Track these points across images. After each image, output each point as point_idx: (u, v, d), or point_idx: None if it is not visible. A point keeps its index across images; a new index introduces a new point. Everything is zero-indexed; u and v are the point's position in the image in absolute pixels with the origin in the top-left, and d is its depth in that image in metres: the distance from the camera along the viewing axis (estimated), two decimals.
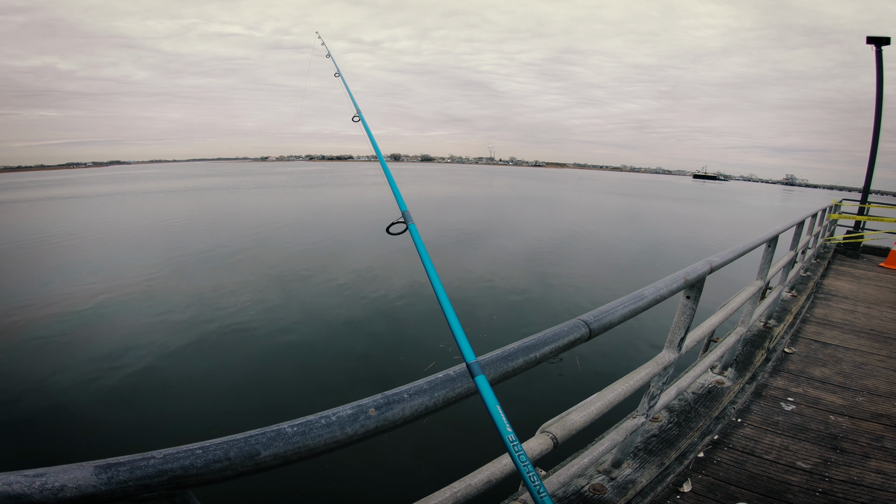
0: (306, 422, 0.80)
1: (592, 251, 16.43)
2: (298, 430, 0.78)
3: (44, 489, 0.64)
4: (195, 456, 0.71)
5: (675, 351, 2.09)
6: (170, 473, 0.69)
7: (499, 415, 0.92)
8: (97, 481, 0.66)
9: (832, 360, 3.95)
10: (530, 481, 0.88)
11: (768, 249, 3.41)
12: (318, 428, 0.80)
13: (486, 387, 0.97)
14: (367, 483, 4.37)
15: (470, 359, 1.01)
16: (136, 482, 0.68)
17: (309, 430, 0.79)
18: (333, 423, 0.81)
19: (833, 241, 9.43)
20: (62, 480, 0.65)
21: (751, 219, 33.55)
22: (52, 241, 18.02)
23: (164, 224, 22.16)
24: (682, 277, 1.85)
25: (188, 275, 12.11)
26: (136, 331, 8.16)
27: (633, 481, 2.24)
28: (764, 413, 3.04)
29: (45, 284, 11.31)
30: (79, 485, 0.65)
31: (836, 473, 2.41)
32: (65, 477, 0.65)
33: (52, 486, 0.64)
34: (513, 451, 0.91)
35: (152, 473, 0.69)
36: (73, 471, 0.66)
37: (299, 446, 0.77)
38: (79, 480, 0.65)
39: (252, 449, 0.74)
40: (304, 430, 0.78)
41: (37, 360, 7.04)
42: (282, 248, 15.59)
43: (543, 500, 0.91)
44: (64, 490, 0.64)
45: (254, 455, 0.74)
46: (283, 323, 8.53)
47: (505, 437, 0.92)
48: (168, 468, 0.69)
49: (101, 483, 0.66)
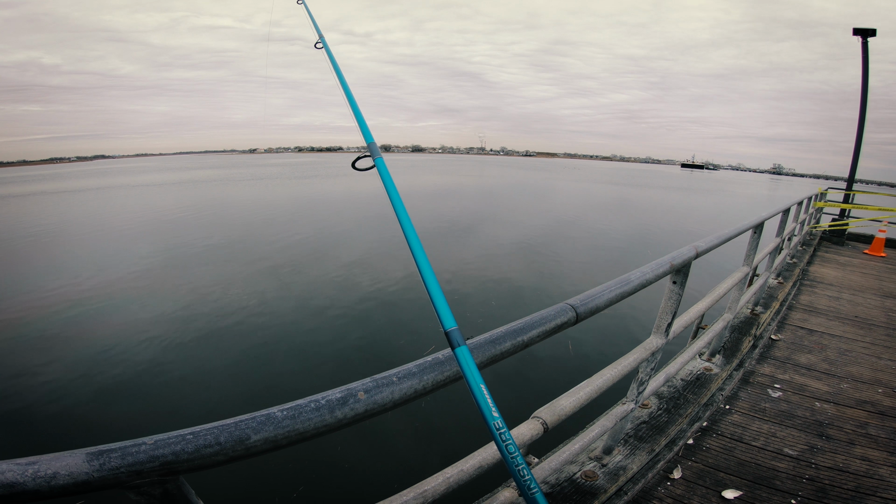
0: (296, 406, 0.80)
1: (583, 239, 16.54)
2: (288, 415, 0.78)
3: (36, 477, 0.64)
4: (186, 441, 0.72)
5: (662, 336, 2.12)
6: (161, 459, 0.70)
7: (482, 393, 0.91)
8: (89, 468, 0.67)
9: (818, 346, 4.02)
10: (513, 464, 0.89)
11: (754, 236, 3.45)
12: (308, 412, 0.80)
13: (467, 358, 0.95)
14: (361, 469, 4.41)
15: (449, 326, 0.97)
16: (128, 468, 0.69)
17: (298, 414, 0.79)
18: (323, 407, 0.82)
19: (819, 228, 9.58)
20: (54, 468, 0.65)
21: (740, 206, 33.96)
22: (43, 236, 17.82)
23: (155, 218, 21.94)
24: (668, 262, 1.88)
25: (181, 267, 12.07)
26: (129, 324, 8.15)
27: (625, 468, 2.27)
28: (751, 400, 3.09)
29: (38, 279, 11.23)
30: (71, 472, 0.66)
31: (823, 460, 2.46)
32: (57, 464, 0.66)
33: (45, 474, 0.65)
34: (494, 430, 0.90)
35: (144, 459, 0.69)
36: (65, 458, 0.67)
37: (289, 430, 0.78)
38: (71, 468, 0.66)
39: (242, 433, 0.75)
40: (293, 413, 0.79)
41: (31, 354, 7.02)
42: (274, 239, 15.55)
43: (528, 483, 0.90)
44: (56, 477, 0.65)
45: (244, 440, 0.74)
46: (277, 312, 8.58)
47: (488, 417, 0.91)
48: (159, 454, 0.70)
49: (93, 470, 0.67)
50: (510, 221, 20.10)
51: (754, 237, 3.45)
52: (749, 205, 35.24)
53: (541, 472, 1.85)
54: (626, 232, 18.29)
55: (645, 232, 18.62)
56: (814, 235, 9.28)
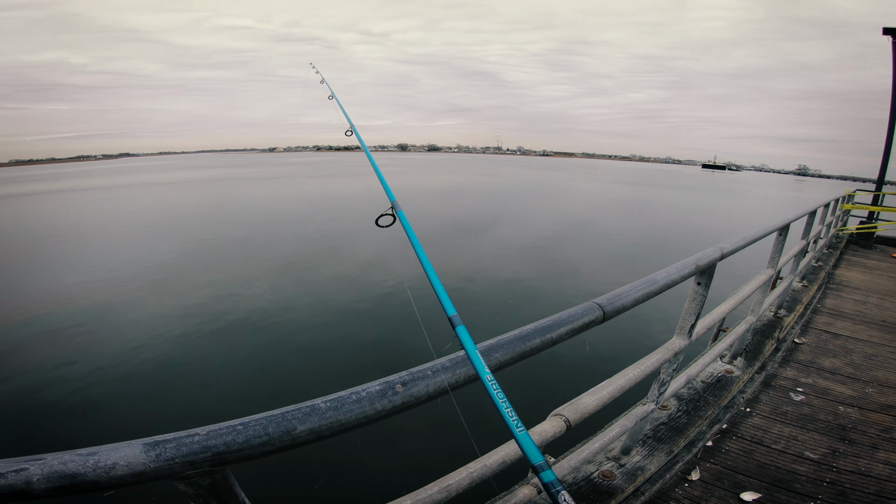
0: (338, 397, 0.83)
1: (603, 240, 16.40)
2: (331, 406, 0.81)
3: (97, 467, 0.66)
4: (236, 432, 0.74)
5: (685, 337, 2.11)
6: (213, 450, 0.72)
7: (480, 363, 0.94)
8: (146, 458, 0.69)
9: (843, 350, 3.94)
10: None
11: (779, 238, 3.39)
12: (350, 403, 0.83)
13: (468, 340, 1.00)
14: (378, 466, 4.49)
15: (451, 312, 1.07)
16: (182, 459, 0.70)
17: (341, 406, 0.82)
18: (363, 399, 0.84)
19: (846, 231, 9.34)
20: (114, 458, 0.68)
21: (762, 208, 33.25)
22: (75, 232, 18.36)
23: (178, 215, 22.41)
24: (693, 263, 1.87)
25: (203, 264, 12.39)
26: (150, 321, 8.35)
27: (643, 468, 2.27)
28: (773, 403, 3.05)
29: (65, 275, 11.60)
30: (129, 462, 0.68)
31: (844, 464, 2.42)
32: (116, 455, 0.68)
33: (105, 464, 0.67)
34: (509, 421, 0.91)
35: (197, 450, 0.71)
36: (123, 448, 0.69)
37: (332, 421, 0.80)
38: (129, 458, 0.68)
39: (289, 424, 0.77)
40: (336, 405, 0.81)
41: (54, 347, 7.24)
42: (293, 237, 15.77)
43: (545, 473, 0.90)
44: (115, 468, 0.67)
45: (290, 430, 0.77)
46: (294, 309, 8.73)
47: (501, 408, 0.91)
48: (211, 444, 0.72)
49: (149, 461, 0.69)
50: (526, 222, 20.01)
51: (779, 239, 3.40)
52: (773, 207, 34.48)
53: (558, 472, 1.86)
54: (645, 233, 18.06)
55: (663, 233, 18.36)
56: (840, 238, 9.05)
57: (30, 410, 5.57)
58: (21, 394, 5.91)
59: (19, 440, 5.00)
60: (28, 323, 8.41)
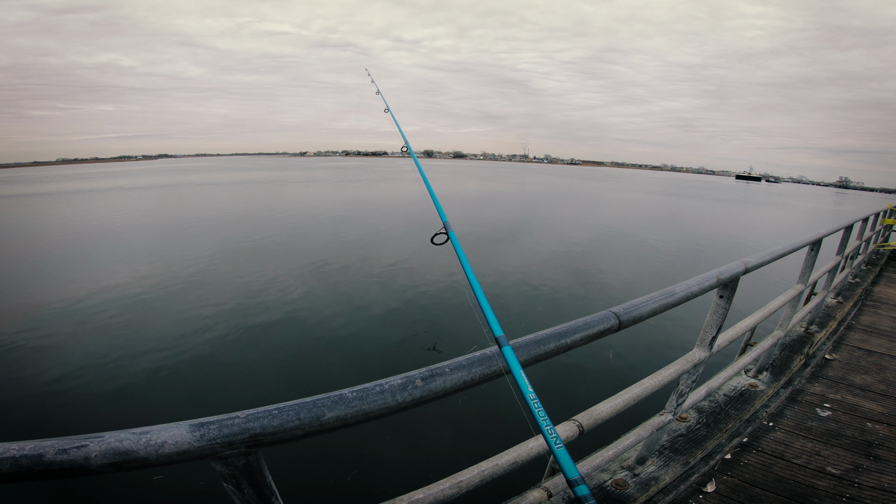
0: (363, 388, 0.90)
1: (630, 250, 16.17)
2: (357, 395, 0.88)
3: (148, 445, 0.73)
4: (272, 416, 0.81)
5: (706, 350, 2.10)
6: (251, 431, 0.79)
7: (523, 380, 0.99)
8: (191, 438, 0.76)
9: (876, 367, 3.81)
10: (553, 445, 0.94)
11: (811, 253, 3.31)
12: (374, 394, 0.90)
13: (511, 354, 1.06)
14: (403, 459, 4.59)
15: (498, 333, 1.11)
16: (223, 439, 0.78)
17: (366, 396, 0.89)
18: (386, 391, 0.91)
19: (887, 247, 8.93)
20: (163, 437, 0.75)
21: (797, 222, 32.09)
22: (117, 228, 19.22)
23: (216, 216, 23.17)
24: (715, 276, 1.87)
25: (240, 263, 12.75)
26: (190, 315, 8.69)
27: (657, 478, 2.27)
28: (797, 418, 2.99)
29: (109, 267, 12.20)
30: (177, 441, 0.75)
31: (867, 480, 2.37)
32: (166, 434, 0.75)
33: (155, 443, 0.74)
34: (538, 417, 0.97)
35: (237, 431, 0.78)
36: (172, 429, 0.76)
37: (357, 410, 0.87)
38: (177, 437, 0.75)
39: (319, 411, 0.84)
40: (362, 395, 0.89)
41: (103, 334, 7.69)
42: (325, 240, 16.16)
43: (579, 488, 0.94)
44: (164, 446, 0.74)
45: (320, 416, 0.84)
46: (328, 310, 8.93)
47: (531, 402, 0.98)
48: (250, 427, 0.79)
49: (194, 440, 0.76)
50: (554, 230, 19.88)
51: (811, 254, 3.32)
52: (809, 220, 33.25)
53: None
54: (674, 244, 17.70)
55: (692, 245, 17.96)
56: (881, 255, 8.67)
57: (79, 392, 5.92)
58: (69, 377, 6.27)
59: (73, 420, 5.34)
60: (80, 308, 8.96)
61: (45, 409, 5.53)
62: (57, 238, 16.89)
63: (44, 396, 5.79)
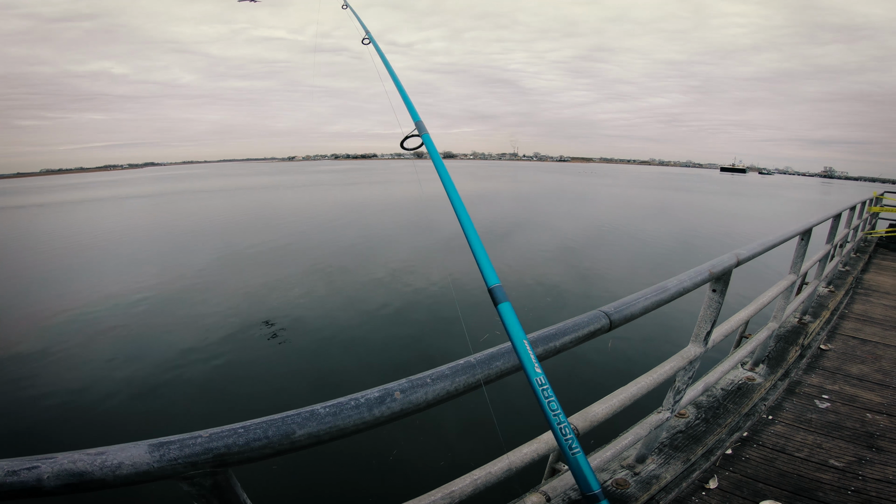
0: (337, 403, 0.85)
1: (623, 244, 16.26)
2: (330, 411, 0.83)
3: (104, 466, 0.70)
4: (237, 434, 0.77)
5: (701, 345, 2.07)
6: (215, 451, 0.75)
7: (524, 348, 0.93)
8: (150, 459, 0.72)
9: (871, 357, 3.81)
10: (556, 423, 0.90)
11: (801, 243, 3.30)
12: (348, 409, 0.85)
13: (510, 315, 0.97)
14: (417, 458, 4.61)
15: (492, 283, 1.01)
16: (185, 459, 0.74)
17: (339, 411, 0.84)
18: (362, 405, 0.86)
19: (875, 234, 9.02)
20: (120, 458, 0.71)
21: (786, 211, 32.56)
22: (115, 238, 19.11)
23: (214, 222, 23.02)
24: (707, 270, 1.83)
25: (238, 268, 12.75)
26: (195, 321, 8.67)
27: (658, 476, 2.23)
28: (796, 410, 2.96)
29: (104, 279, 12.08)
30: (134, 462, 0.71)
31: (871, 472, 2.35)
32: (122, 455, 0.71)
33: (111, 464, 0.70)
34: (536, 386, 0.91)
35: (199, 451, 0.74)
36: (129, 449, 0.72)
37: (330, 426, 0.82)
38: (134, 458, 0.71)
39: (288, 428, 0.79)
40: (335, 411, 0.83)
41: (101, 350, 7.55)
42: (324, 243, 16.12)
43: (577, 456, 0.91)
44: (121, 467, 0.71)
45: (290, 434, 0.79)
46: (326, 312, 8.94)
47: (530, 373, 0.92)
48: (213, 446, 0.75)
49: (153, 460, 0.72)
50: (546, 226, 19.96)
51: (801, 244, 3.31)
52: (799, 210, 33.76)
53: (570, 479, 1.84)
54: (666, 237, 17.84)
55: (685, 238, 18.11)
56: (869, 242, 8.75)
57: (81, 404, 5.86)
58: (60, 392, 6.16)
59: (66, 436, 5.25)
60: (74, 319, 8.87)
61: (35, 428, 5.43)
62: (43, 254, 16.64)
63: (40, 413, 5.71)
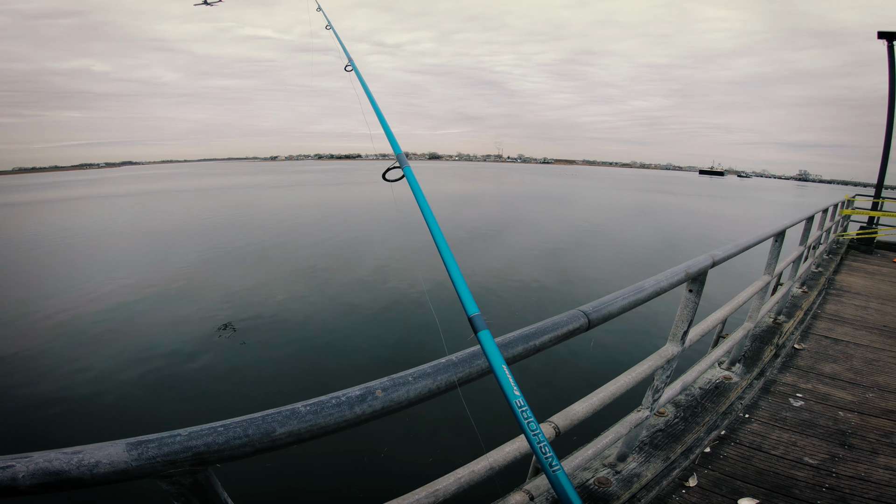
0: (318, 402, 0.85)
1: (605, 245, 16.49)
2: (311, 410, 0.83)
3: (80, 465, 0.69)
4: (217, 433, 0.77)
5: (678, 344, 2.11)
6: (194, 450, 0.75)
7: (503, 373, 0.94)
8: (128, 457, 0.72)
9: (843, 356, 3.93)
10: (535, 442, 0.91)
11: (775, 244, 3.40)
12: (330, 407, 0.85)
13: (489, 341, 0.98)
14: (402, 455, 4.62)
15: (472, 312, 1.02)
16: (164, 458, 0.73)
17: (321, 410, 0.84)
18: (343, 403, 0.86)
19: (846, 236, 9.31)
20: (97, 457, 0.70)
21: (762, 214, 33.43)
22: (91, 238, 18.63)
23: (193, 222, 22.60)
24: (684, 271, 1.88)
25: (223, 269, 12.62)
26: (172, 321, 8.56)
27: (639, 475, 2.26)
28: (772, 409, 3.04)
29: (84, 281, 11.79)
30: (112, 461, 0.71)
31: (844, 469, 2.41)
32: (99, 454, 0.71)
33: (88, 463, 0.70)
34: (516, 408, 0.92)
35: (178, 450, 0.74)
36: (106, 448, 0.72)
37: (312, 424, 0.82)
38: (112, 457, 0.71)
39: (269, 427, 0.79)
40: (316, 409, 0.84)
41: (85, 350, 7.42)
42: (308, 243, 15.98)
43: (557, 473, 0.92)
44: (99, 466, 0.70)
45: (270, 432, 0.79)
46: (312, 312, 8.90)
47: (510, 396, 0.93)
48: (192, 444, 0.75)
49: (132, 459, 0.72)
50: (530, 227, 20.15)
51: (775, 245, 3.41)
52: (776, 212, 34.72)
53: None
54: (646, 238, 18.14)
55: (665, 239, 18.43)
56: (841, 244, 9.02)
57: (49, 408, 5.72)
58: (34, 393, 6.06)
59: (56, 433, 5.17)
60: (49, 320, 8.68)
61: None
62: (17, 254, 16.13)
63: None
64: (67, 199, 43.22)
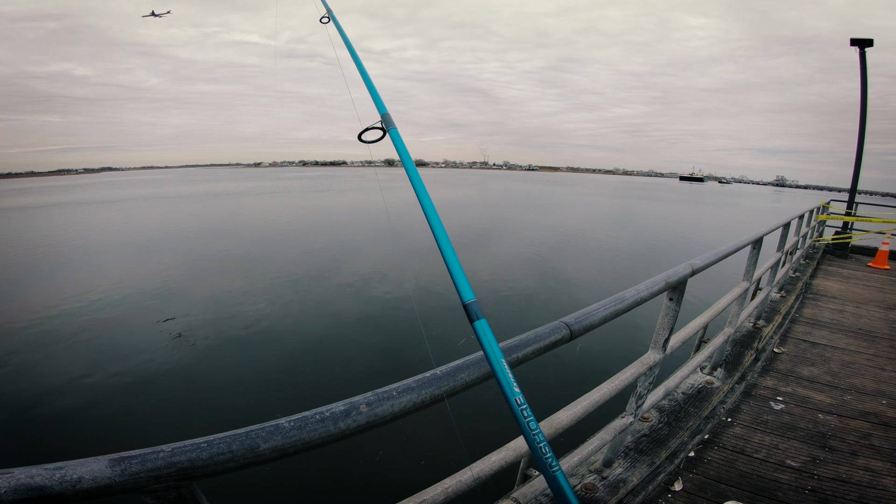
0: (302, 417, 0.86)
1: (589, 252, 16.66)
2: (295, 425, 0.84)
3: (63, 481, 0.69)
4: (200, 449, 0.77)
5: (660, 351, 2.15)
6: (177, 465, 0.75)
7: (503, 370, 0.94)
8: (111, 473, 0.72)
9: (821, 359, 4.01)
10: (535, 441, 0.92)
11: (753, 251, 3.48)
12: (313, 423, 0.85)
13: (486, 331, 0.98)
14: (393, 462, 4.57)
15: (468, 298, 1.00)
16: (147, 474, 0.73)
17: (304, 425, 0.84)
18: (327, 419, 0.87)
19: (822, 241, 9.55)
20: (80, 473, 0.70)
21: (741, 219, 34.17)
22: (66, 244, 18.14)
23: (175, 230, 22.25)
24: (664, 280, 1.92)
25: (204, 277, 12.41)
26: (162, 332, 8.38)
27: (625, 480, 2.28)
28: (754, 412, 3.09)
29: (63, 287, 11.54)
30: (94, 476, 0.71)
31: (825, 471, 2.46)
32: (82, 469, 0.71)
33: (71, 479, 0.69)
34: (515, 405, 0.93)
35: (161, 465, 0.74)
36: (89, 464, 0.72)
37: (296, 440, 0.83)
38: (94, 473, 0.71)
39: (252, 442, 0.80)
40: (300, 424, 0.84)
41: (64, 360, 7.28)
42: (292, 250, 15.83)
43: (556, 474, 0.93)
44: (81, 482, 0.70)
45: (254, 448, 0.80)
46: (298, 320, 8.81)
47: (507, 391, 0.94)
48: (176, 461, 0.75)
49: (115, 475, 0.72)
50: (515, 234, 20.29)
51: (753, 252, 3.48)
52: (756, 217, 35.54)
53: (540, 484, 1.88)
54: (629, 245, 18.38)
55: (647, 245, 18.70)
56: (817, 249, 9.25)
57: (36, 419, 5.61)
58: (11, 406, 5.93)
59: None
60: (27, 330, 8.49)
61: None
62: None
63: None
64: (44, 206, 42.13)
